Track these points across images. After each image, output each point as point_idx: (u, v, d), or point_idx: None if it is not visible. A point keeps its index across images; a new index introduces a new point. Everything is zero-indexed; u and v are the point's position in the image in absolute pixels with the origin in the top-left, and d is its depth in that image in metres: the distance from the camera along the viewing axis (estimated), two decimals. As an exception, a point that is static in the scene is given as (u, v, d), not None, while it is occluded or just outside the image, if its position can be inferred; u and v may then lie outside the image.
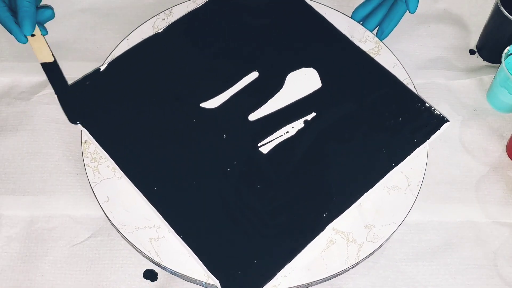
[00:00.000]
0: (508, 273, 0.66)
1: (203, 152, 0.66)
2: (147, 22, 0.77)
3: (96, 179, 0.66)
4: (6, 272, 0.65)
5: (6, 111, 0.74)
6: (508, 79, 0.71)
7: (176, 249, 0.63)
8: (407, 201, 0.66)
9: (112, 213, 0.65)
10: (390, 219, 0.65)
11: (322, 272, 0.62)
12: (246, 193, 0.64)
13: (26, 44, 0.79)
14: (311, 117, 0.69)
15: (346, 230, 0.64)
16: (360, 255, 0.63)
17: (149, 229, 0.64)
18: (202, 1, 0.78)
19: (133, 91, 0.70)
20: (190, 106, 0.69)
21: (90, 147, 0.68)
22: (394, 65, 0.75)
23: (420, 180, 0.68)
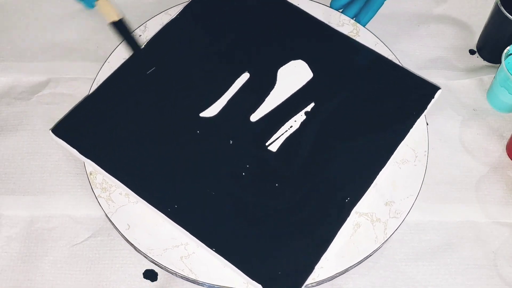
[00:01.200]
0: (508, 273, 0.66)
1: (214, 161, 0.66)
2: (146, 23, 0.77)
3: (111, 209, 0.65)
4: (6, 272, 0.65)
5: (6, 111, 0.74)
6: (508, 79, 0.71)
7: (209, 262, 0.62)
8: (418, 172, 0.68)
9: (137, 239, 0.63)
10: (407, 192, 0.67)
11: (355, 256, 0.63)
12: (266, 194, 0.64)
13: (25, 45, 0.79)
14: (310, 108, 0.69)
15: (369, 211, 0.65)
16: (387, 232, 0.64)
17: (177, 248, 0.63)
18: (175, 12, 0.77)
19: (128, 113, 0.68)
20: (190, 118, 0.68)
21: (97, 177, 0.66)
22: (375, 43, 0.76)
23: (426, 149, 0.69)
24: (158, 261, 0.62)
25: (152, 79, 0.70)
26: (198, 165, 0.65)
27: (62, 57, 0.78)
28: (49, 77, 0.77)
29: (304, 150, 0.67)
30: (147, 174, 0.65)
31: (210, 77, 0.71)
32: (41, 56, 0.78)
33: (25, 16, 0.82)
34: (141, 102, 0.69)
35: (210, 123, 0.68)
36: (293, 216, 0.63)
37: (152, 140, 0.67)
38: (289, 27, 0.75)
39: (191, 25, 0.75)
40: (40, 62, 0.78)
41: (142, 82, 0.70)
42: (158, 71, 0.71)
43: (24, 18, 0.81)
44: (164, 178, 0.64)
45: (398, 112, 0.69)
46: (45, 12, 0.82)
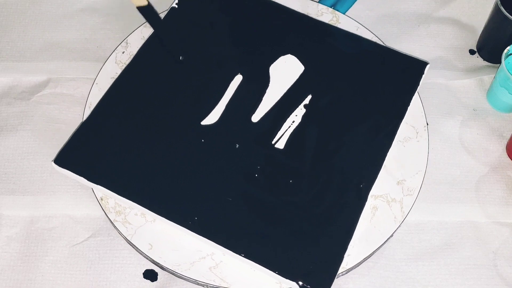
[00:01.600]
0: (508, 273, 0.66)
1: (225, 167, 0.65)
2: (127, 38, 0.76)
3: (130, 231, 0.64)
4: (6, 272, 0.65)
5: (6, 111, 0.74)
6: (508, 79, 0.71)
7: (239, 268, 0.62)
8: (422, 147, 0.69)
9: (162, 257, 0.62)
10: (415, 168, 0.68)
11: (379, 238, 0.64)
12: (282, 192, 0.64)
13: (25, 45, 0.79)
14: (308, 100, 0.70)
15: (383, 193, 0.67)
16: (404, 210, 0.66)
17: (204, 260, 0.63)
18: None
19: (128, 132, 0.67)
20: (192, 128, 0.68)
21: (109, 202, 0.65)
22: (357, 28, 0.76)
23: (425, 123, 0.71)
24: (188, 275, 0.62)
25: (145, 93, 0.69)
26: (210, 173, 0.65)
27: (62, 57, 0.78)
28: (49, 77, 0.77)
29: (311, 143, 0.67)
30: (160, 191, 0.64)
31: (203, 84, 0.70)
32: (41, 56, 0.78)
33: (25, 16, 0.82)
34: (139, 119, 0.68)
35: (213, 130, 0.67)
36: (313, 209, 0.63)
37: (158, 155, 0.66)
38: (272, 24, 0.75)
39: (173, 35, 0.74)
40: (40, 62, 0.78)
41: (135, 99, 0.69)
42: (150, 84, 0.70)
43: (24, 18, 0.81)
44: (178, 192, 0.64)
45: (393, 92, 0.70)
46: (45, 12, 0.82)
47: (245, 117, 0.69)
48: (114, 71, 0.72)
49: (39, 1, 0.83)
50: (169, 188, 0.64)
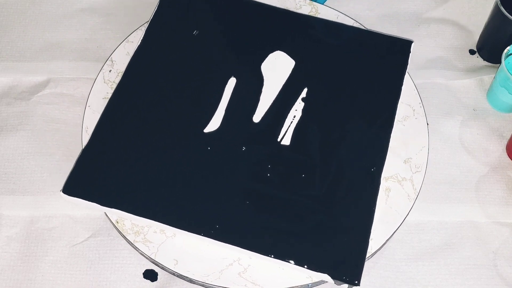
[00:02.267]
0: (508, 273, 0.66)
1: (236, 172, 0.65)
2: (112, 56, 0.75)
3: (152, 250, 0.63)
4: (6, 272, 0.65)
5: (6, 111, 0.74)
6: (508, 79, 0.71)
7: (267, 269, 0.62)
8: (421, 124, 0.71)
9: (190, 271, 0.62)
10: (419, 145, 0.70)
11: (397, 217, 0.65)
12: (297, 188, 0.65)
13: (25, 45, 0.79)
14: (305, 93, 0.70)
15: (393, 173, 0.68)
16: (416, 187, 0.67)
17: (232, 266, 0.62)
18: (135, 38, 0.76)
19: (133, 150, 0.66)
20: (195, 137, 0.67)
21: (126, 224, 0.64)
22: (337, 16, 0.77)
23: (419, 101, 0.72)
24: (219, 284, 0.62)
25: (142, 109, 0.68)
26: (222, 179, 0.65)
27: (62, 57, 0.78)
28: (49, 77, 0.77)
29: (315, 135, 0.68)
30: (175, 204, 0.63)
31: (198, 92, 0.70)
32: (41, 56, 0.78)
33: (25, 16, 0.82)
34: (140, 136, 0.67)
35: (217, 137, 0.67)
36: (330, 200, 0.64)
37: (167, 169, 0.65)
38: (256, 23, 0.75)
39: (159, 46, 0.73)
40: (40, 62, 0.78)
41: (133, 117, 0.68)
42: (144, 99, 0.69)
43: (24, 18, 0.81)
44: (194, 202, 0.63)
45: (385, 74, 0.72)
46: (45, 12, 0.82)
47: (246, 119, 0.69)
48: (104, 90, 0.72)
49: (39, 1, 0.83)
50: (184, 200, 0.63)
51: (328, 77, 0.72)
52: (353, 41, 0.74)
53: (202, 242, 0.63)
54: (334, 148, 0.67)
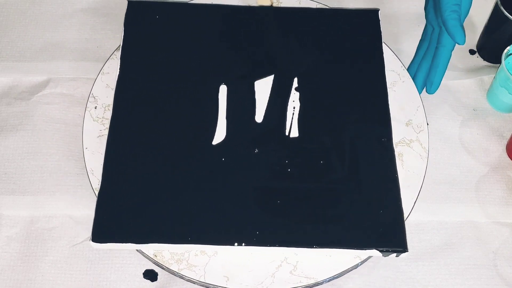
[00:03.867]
0: (508, 273, 0.66)
1: (256, 175, 0.65)
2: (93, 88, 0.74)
3: (200, 273, 0.62)
4: (6, 272, 0.65)
5: (6, 111, 0.74)
6: (508, 79, 0.71)
7: (316, 259, 0.63)
8: (409, 85, 0.74)
9: (243, 283, 0.62)
10: (413, 105, 0.72)
11: (417, 179, 0.68)
12: (320, 175, 0.65)
13: (25, 45, 0.79)
14: (297, 83, 0.71)
15: (400, 138, 0.70)
16: (425, 146, 0.70)
17: (281, 267, 0.63)
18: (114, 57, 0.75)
19: (149, 180, 0.64)
20: (207, 152, 0.66)
21: (164, 255, 0.62)
22: (299, 1, 0.78)
23: (401, 65, 0.75)
24: (237, 286, 0.61)
25: (144, 137, 0.67)
26: (246, 187, 0.64)
27: (62, 57, 0.78)
28: (49, 77, 0.77)
29: (320, 120, 0.69)
30: (209, 222, 0.62)
31: (193, 106, 0.69)
32: (41, 56, 0.78)
33: (25, 16, 0.82)
34: (151, 163, 0.65)
35: (226, 146, 0.67)
36: (354, 178, 0.65)
37: (189, 190, 0.64)
38: (224, 25, 0.75)
39: (138, 69, 0.71)
40: (40, 62, 0.78)
41: (136, 147, 0.66)
42: (143, 126, 0.67)
43: (24, 18, 0.81)
44: (227, 216, 0.62)
45: (364, 47, 0.73)
46: (45, 12, 0.82)
47: (250, 121, 0.68)
48: (97, 129, 0.69)
49: (39, 1, 0.83)
50: (215, 215, 0.63)
51: (312, 62, 0.72)
52: (324, 22, 0.75)
53: (246, 252, 0.62)
54: (341, 128, 0.68)
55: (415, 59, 0.76)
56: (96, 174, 0.66)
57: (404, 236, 0.62)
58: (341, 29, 0.75)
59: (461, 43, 0.68)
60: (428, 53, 0.74)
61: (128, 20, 0.74)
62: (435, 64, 0.72)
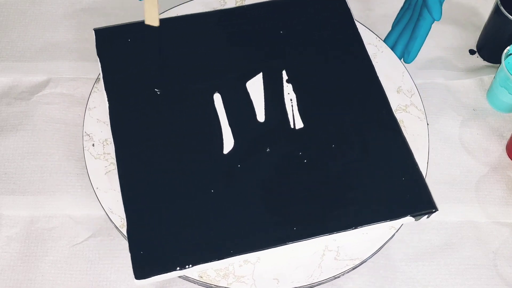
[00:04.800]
0: (508, 273, 0.66)
1: (276, 173, 0.65)
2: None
3: (250, 282, 0.61)
4: (6, 272, 0.65)
5: (6, 111, 0.74)
6: (508, 79, 0.71)
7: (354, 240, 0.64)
8: (389, 54, 0.75)
9: (294, 281, 0.62)
10: (398, 72, 0.74)
11: (423, 140, 0.70)
12: (336, 159, 0.66)
13: (25, 45, 0.79)
14: (286, 75, 0.71)
15: (396, 105, 0.72)
16: (420, 108, 0.72)
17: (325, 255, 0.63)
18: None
19: (171, 202, 0.63)
20: (221, 162, 0.65)
21: (210, 274, 0.61)
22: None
23: (376, 37, 0.76)
24: (324, 278, 0.62)
25: (154, 160, 0.65)
26: (271, 185, 0.64)
27: (62, 57, 0.78)
28: (49, 77, 0.77)
29: (319, 107, 0.69)
30: (245, 228, 0.62)
31: (194, 120, 0.68)
32: (41, 56, 0.78)
33: (25, 16, 0.82)
34: (170, 186, 0.64)
35: (238, 153, 0.66)
36: (368, 153, 0.66)
37: (214, 202, 0.63)
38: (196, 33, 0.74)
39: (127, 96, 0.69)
40: (40, 62, 0.78)
41: (153, 175, 0.64)
42: (150, 150, 0.66)
43: (24, 18, 0.81)
44: (260, 218, 0.62)
45: (338, 28, 0.75)
46: (45, 12, 0.82)
47: (253, 123, 0.68)
48: (102, 165, 0.67)
49: (39, 1, 0.83)
50: (250, 222, 0.62)
51: (295, 52, 0.73)
52: (294, 11, 0.76)
53: (288, 250, 0.62)
54: (340, 110, 0.69)
55: (396, 28, 0.77)
56: (116, 211, 0.64)
57: (430, 196, 0.64)
58: (312, 15, 0.75)
59: (437, 19, 0.71)
60: (409, 24, 0.75)
61: (100, 49, 0.72)
62: (415, 35, 0.74)
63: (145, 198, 0.63)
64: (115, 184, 0.65)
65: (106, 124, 0.69)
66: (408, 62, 0.75)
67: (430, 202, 0.64)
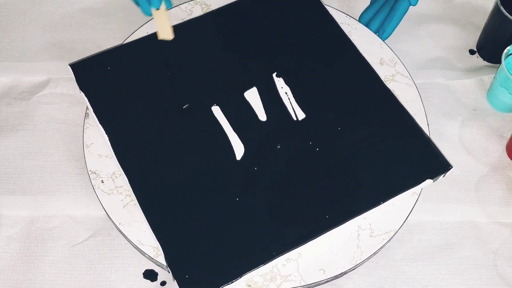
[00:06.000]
0: (508, 273, 0.66)
1: (294, 167, 0.65)
2: (146, 24, 0.77)
3: (297, 278, 0.62)
4: (6, 272, 0.65)
5: (6, 111, 0.74)
6: (508, 79, 0.71)
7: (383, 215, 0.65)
8: (364, 30, 0.78)
9: (338, 268, 0.62)
10: (376, 44, 0.76)
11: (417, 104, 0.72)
12: (346, 139, 0.67)
13: (25, 45, 0.79)
14: (275, 73, 0.72)
15: (383, 77, 0.73)
16: (406, 74, 0.74)
17: (360, 235, 0.64)
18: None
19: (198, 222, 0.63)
20: (238, 169, 0.65)
21: (256, 280, 0.61)
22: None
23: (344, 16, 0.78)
24: (357, 262, 0.63)
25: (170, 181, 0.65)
26: (295, 179, 0.65)
27: (62, 57, 0.78)
28: (49, 77, 0.77)
29: (315, 94, 0.70)
30: (282, 227, 0.62)
31: (196, 134, 0.67)
32: (41, 56, 0.78)
33: (25, 16, 0.82)
34: (193, 202, 0.63)
35: (251, 155, 0.66)
36: (375, 127, 0.68)
37: (244, 209, 0.63)
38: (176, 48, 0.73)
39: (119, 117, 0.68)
40: (40, 62, 0.78)
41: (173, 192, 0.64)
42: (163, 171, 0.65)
43: (24, 18, 0.81)
44: (295, 213, 0.63)
45: (311, 17, 0.76)
46: (45, 12, 0.82)
47: (257, 124, 0.68)
48: (117, 200, 0.65)
49: (39, 1, 0.83)
50: (282, 220, 0.63)
51: (277, 46, 0.73)
52: (265, 8, 0.76)
53: (324, 238, 0.63)
54: (335, 92, 0.70)
55: (372, 7, 0.79)
56: (145, 242, 0.63)
57: (442, 156, 0.66)
58: (285, 8, 0.76)
59: (413, 4, 0.75)
60: (388, 2, 0.78)
61: (82, 84, 0.70)
62: (391, 15, 0.77)
63: (174, 222, 0.62)
64: (137, 215, 0.64)
65: (109, 158, 0.67)
66: (383, 39, 0.78)
67: (444, 162, 0.66)
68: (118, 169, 0.66)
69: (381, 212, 0.65)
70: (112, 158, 0.67)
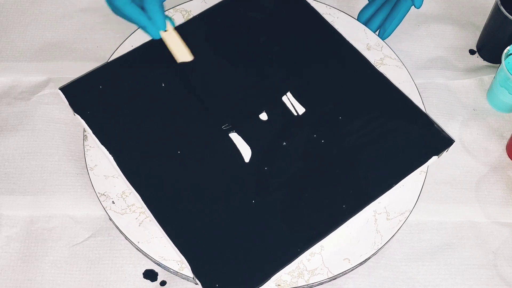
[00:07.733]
0: (508, 273, 0.66)
1: (302, 161, 0.65)
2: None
3: (328, 275, 0.62)
4: (6, 272, 0.65)
5: (6, 111, 0.74)
6: (508, 79, 0.71)
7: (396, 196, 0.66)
8: (345, 17, 0.78)
9: (363, 255, 0.63)
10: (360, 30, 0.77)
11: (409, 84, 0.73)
12: (350, 129, 0.67)
13: (25, 45, 0.79)
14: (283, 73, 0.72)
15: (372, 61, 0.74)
16: (393, 57, 0.75)
17: (377, 220, 0.65)
18: None
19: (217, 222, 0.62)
20: (248, 171, 0.65)
21: (285, 278, 0.61)
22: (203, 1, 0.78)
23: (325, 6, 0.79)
24: (379, 246, 0.64)
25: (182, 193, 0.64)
26: (308, 173, 0.65)
27: (62, 57, 0.78)
28: (49, 77, 0.77)
29: (313, 86, 0.71)
30: (302, 223, 0.62)
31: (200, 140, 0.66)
32: (41, 56, 0.78)
33: (25, 16, 0.82)
34: (211, 210, 0.63)
35: (259, 156, 0.66)
36: (376, 113, 0.68)
37: (264, 209, 0.63)
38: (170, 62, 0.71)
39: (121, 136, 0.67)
40: (40, 62, 0.78)
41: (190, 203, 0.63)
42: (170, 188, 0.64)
43: (24, 18, 0.81)
44: (312, 206, 0.63)
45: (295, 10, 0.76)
46: (45, 12, 0.82)
47: (259, 124, 0.68)
48: (132, 218, 0.65)
49: (39, 1, 0.83)
50: (302, 215, 0.63)
51: (265, 45, 0.73)
52: (246, 7, 0.76)
53: (343, 228, 0.63)
54: (330, 82, 0.71)
55: (371, 5, 0.79)
56: (168, 257, 0.62)
57: (444, 133, 0.67)
58: (265, 7, 0.76)
59: (417, 6, 0.75)
60: (388, 3, 0.77)
61: (76, 107, 0.68)
62: (393, 15, 0.76)
63: (194, 233, 0.62)
64: (154, 231, 0.63)
65: (115, 178, 0.66)
66: (383, 38, 0.77)
67: (446, 137, 0.67)
68: (127, 188, 0.65)
69: (393, 194, 0.65)
70: (120, 178, 0.66)
